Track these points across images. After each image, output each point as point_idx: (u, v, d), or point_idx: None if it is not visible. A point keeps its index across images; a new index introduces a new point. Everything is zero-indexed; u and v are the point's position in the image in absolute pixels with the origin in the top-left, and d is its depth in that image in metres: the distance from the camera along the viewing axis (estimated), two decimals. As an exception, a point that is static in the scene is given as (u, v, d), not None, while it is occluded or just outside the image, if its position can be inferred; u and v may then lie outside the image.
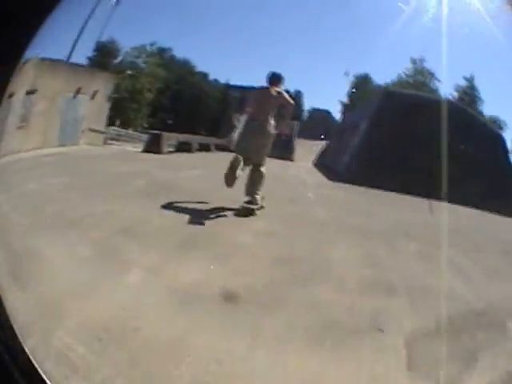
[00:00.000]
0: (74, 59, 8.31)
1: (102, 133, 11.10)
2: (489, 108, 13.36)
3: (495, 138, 11.36)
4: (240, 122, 14.45)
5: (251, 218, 5.18)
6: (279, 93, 5.30)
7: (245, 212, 5.06)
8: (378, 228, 5.62)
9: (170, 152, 10.54)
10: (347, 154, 12.44)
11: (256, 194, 5.15)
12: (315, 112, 20.88)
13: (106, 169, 6.94)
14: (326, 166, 13.99)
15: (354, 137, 12.67)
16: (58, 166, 6.47)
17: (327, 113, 20.59)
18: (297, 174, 10.92)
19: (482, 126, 11.45)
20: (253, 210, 5.07)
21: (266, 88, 5.41)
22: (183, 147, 11.31)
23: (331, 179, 10.66)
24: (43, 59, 6.22)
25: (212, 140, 15.31)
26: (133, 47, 14.56)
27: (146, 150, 9.85)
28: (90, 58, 11.90)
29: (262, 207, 5.19)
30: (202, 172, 7.99)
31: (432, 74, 16.30)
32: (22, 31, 1.34)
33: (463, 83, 14.05)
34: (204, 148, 13.33)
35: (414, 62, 17.24)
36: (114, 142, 11.97)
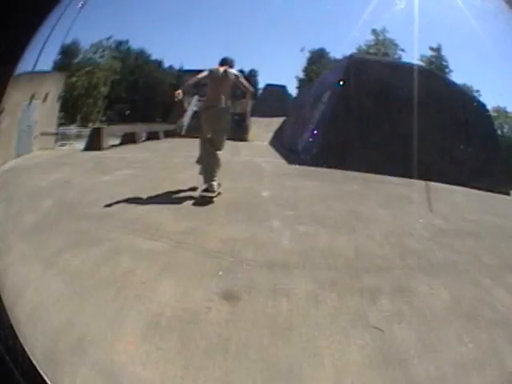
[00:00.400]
0: (41, 67, 7.48)
1: (53, 135, 9.98)
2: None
3: (477, 105, 9.51)
4: (191, 104, 13.32)
5: (160, 270, 3.09)
6: (236, 76, 4.90)
7: (203, 201, 4.61)
8: (376, 253, 3.46)
9: (113, 146, 9.35)
10: (308, 131, 10.19)
11: (213, 180, 4.77)
12: (269, 88, 18.52)
13: (28, 185, 5.70)
14: (285, 145, 11.89)
15: (314, 111, 10.42)
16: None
17: (282, 88, 18.36)
18: (251, 158, 8.66)
19: (464, 96, 9.55)
20: (211, 197, 4.66)
21: (222, 68, 4.95)
22: (128, 138, 10.20)
23: (291, 162, 8.59)
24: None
25: (162, 127, 13.87)
26: (91, 44, 13.57)
27: (87, 148, 8.82)
28: (55, 62, 11.19)
29: (219, 194, 4.76)
30: (133, 171, 6.34)
31: (395, 45, 14.47)
32: (22, 31, 1.30)
33: (429, 53, 13.55)
34: (153, 136, 12.16)
35: (375, 33, 15.87)
36: (68, 142, 10.78)
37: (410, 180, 7.22)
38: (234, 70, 4.91)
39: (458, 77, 10.48)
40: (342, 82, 10.38)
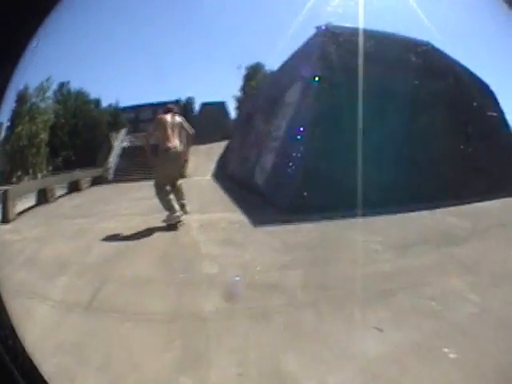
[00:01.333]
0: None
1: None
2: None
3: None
4: (118, 140, 12.51)
5: None
6: (181, 122, 4.63)
7: (171, 227, 4.14)
8: None
9: (22, 212, 6.46)
10: (269, 151, 5.85)
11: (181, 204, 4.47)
12: (206, 107, 14.29)
13: None
14: (234, 177, 7.60)
15: (274, 119, 6.14)
16: None
17: (221, 104, 14.11)
18: (187, 219, 4.41)
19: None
20: (179, 220, 4.20)
21: (169, 115, 4.58)
22: (41, 197, 7.68)
23: (257, 220, 4.17)
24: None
25: (85, 173, 10.81)
26: (34, 88, 13.28)
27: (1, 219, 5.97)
28: (13, 110, 11.41)
29: (186, 213, 4.42)
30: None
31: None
32: (22, 31, 1.17)
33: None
34: (74, 187, 9.32)
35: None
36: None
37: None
38: (178, 117, 4.60)
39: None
40: (317, 78, 6.35)
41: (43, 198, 7.53)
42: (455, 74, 5.62)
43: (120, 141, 12.95)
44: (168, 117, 4.52)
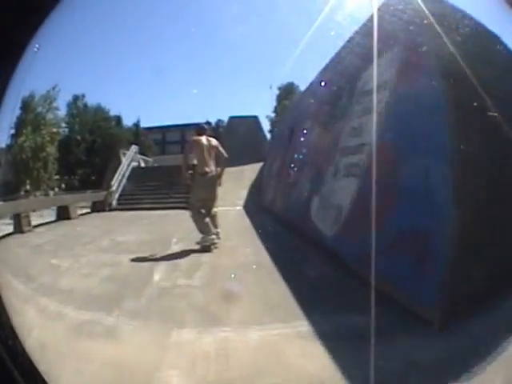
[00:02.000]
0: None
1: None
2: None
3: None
4: (126, 158, 11.25)
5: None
6: (217, 145, 4.52)
7: (204, 248, 4.14)
8: None
9: None
10: (346, 174, 3.35)
11: (209, 234, 4.22)
12: (235, 121, 12.12)
13: None
14: (274, 211, 5.38)
15: (343, 122, 3.62)
16: None
17: (254, 118, 11.84)
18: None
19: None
20: (214, 243, 4.19)
21: (204, 137, 4.49)
22: (16, 223, 6.09)
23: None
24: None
25: (81, 197, 9.17)
26: (40, 96, 11.97)
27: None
28: (17, 117, 10.44)
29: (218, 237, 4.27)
30: None
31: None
32: (22, 31, 1.15)
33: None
34: (63, 214, 7.37)
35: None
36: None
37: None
38: (213, 139, 4.49)
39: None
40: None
41: (17, 225, 6.12)
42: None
43: (129, 159, 10.82)
44: (204, 139, 4.45)
